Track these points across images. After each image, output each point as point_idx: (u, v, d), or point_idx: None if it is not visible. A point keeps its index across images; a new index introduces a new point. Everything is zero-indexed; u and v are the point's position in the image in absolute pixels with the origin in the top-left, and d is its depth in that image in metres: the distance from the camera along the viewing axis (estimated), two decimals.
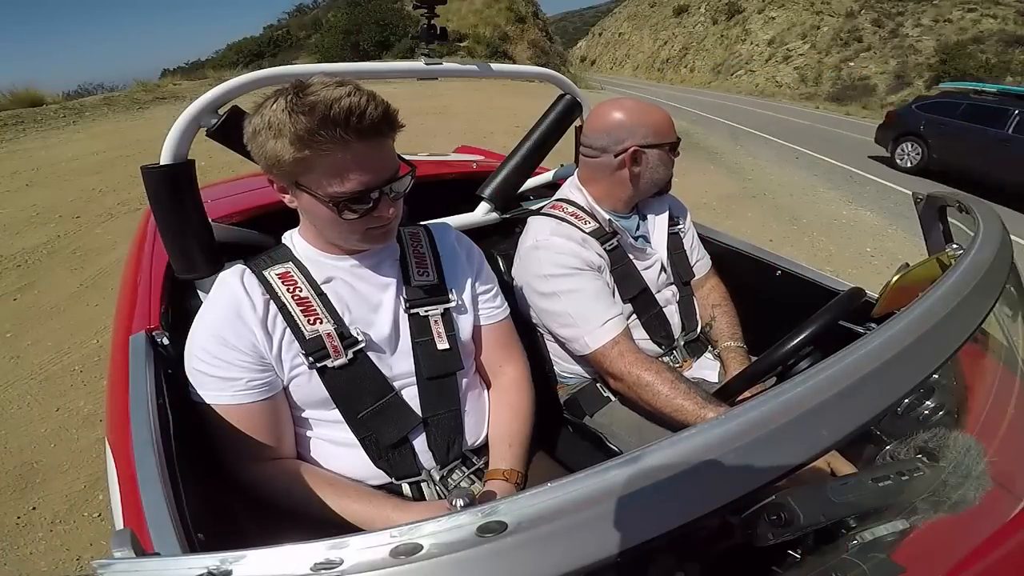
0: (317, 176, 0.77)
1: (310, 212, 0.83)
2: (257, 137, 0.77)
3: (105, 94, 9.96)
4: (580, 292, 1.15)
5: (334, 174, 0.76)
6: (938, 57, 26.98)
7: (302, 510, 0.84)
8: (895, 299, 1.04)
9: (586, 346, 1.14)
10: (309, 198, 0.79)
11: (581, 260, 1.17)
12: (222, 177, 2.14)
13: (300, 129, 0.72)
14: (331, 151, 0.74)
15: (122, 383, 0.85)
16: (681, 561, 0.61)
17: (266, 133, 0.75)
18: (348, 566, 0.35)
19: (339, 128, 0.72)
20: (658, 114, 1.24)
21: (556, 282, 1.15)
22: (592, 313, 1.13)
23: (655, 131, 1.22)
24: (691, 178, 6.59)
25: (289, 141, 0.73)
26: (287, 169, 0.76)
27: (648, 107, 1.24)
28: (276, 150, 0.74)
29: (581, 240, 1.20)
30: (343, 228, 0.82)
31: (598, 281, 1.17)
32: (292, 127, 0.72)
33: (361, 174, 0.77)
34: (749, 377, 1.07)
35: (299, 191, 0.80)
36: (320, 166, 0.75)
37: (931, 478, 0.65)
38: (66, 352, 2.64)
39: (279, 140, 0.74)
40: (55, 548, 1.68)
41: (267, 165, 0.78)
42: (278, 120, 0.73)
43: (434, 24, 1.25)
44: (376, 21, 18.98)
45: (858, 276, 3.93)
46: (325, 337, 0.86)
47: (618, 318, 1.14)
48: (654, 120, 1.23)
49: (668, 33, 48.94)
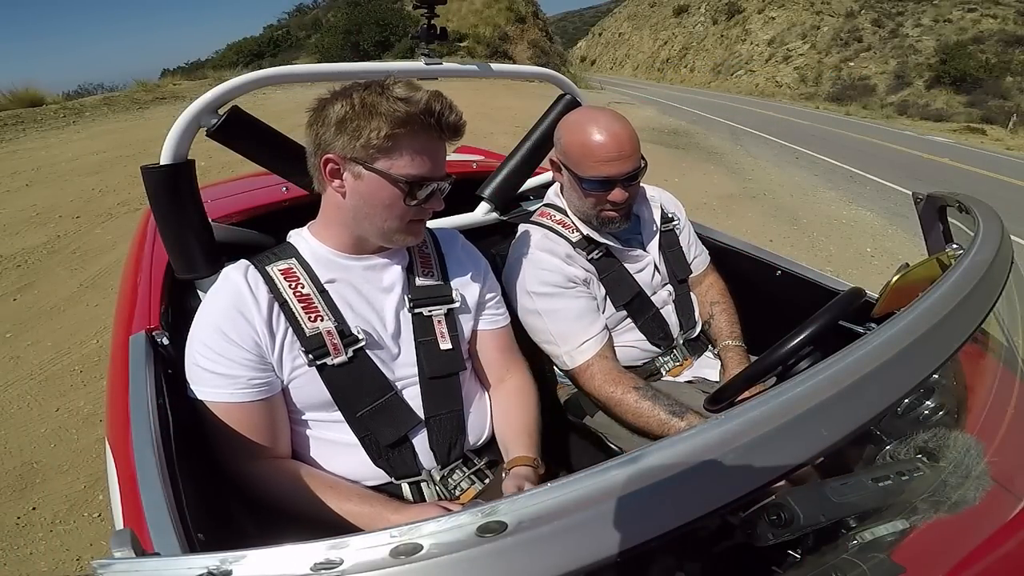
0: (399, 155, 0.83)
1: (368, 196, 0.85)
2: (339, 115, 0.82)
3: (105, 94, 9.95)
4: (560, 312, 1.16)
5: (417, 154, 0.84)
6: (938, 57, 27.00)
7: (295, 510, 0.84)
8: (895, 299, 1.04)
9: (565, 364, 1.18)
10: (376, 180, 0.83)
11: (564, 277, 1.17)
12: (222, 177, 2.14)
13: (400, 111, 0.80)
14: (420, 136, 0.83)
15: (122, 383, 0.85)
16: (681, 561, 0.61)
17: (357, 111, 0.81)
18: (348, 566, 0.35)
19: (433, 118, 0.83)
20: (587, 142, 1.10)
21: (539, 300, 1.17)
22: (571, 333, 1.15)
23: (568, 154, 1.15)
24: (691, 178, 6.58)
25: (387, 119, 0.80)
26: (372, 144, 0.81)
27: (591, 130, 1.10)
28: (369, 126, 0.80)
29: (565, 256, 1.20)
30: (395, 214, 0.87)
31: (579, 300, 1.17)
32: (391, 108, 0.80)
33: (433, 164, 0.86)
34: (749, 377, 1.07)
35: (367, 172, 0.83)
36: (407, 146, 0.83)
37: (931, 478, 0.65)
38: (66, 352, 2.64)
39: (374, 119, 0.80)
40: (55, 548, 1.68)
41: (345, 142, 0.82)
42: (374, 102, 0.80)
43: (434, 24, 1.25)
44: (376, 21, 18.97)
45: (858, 276, 3.93)
46: (325, 335, 0.86)
47: (595, 339, 1.15)
48: (575, 143, 1.13)
49: (668, 33, 48.95)
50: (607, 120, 1.12)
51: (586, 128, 1.12)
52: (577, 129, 1.14)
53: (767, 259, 1.49)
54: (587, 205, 1.18)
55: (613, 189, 1.13)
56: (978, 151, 12.86)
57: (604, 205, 1.16)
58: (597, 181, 1.13)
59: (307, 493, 0.84)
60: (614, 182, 1.13)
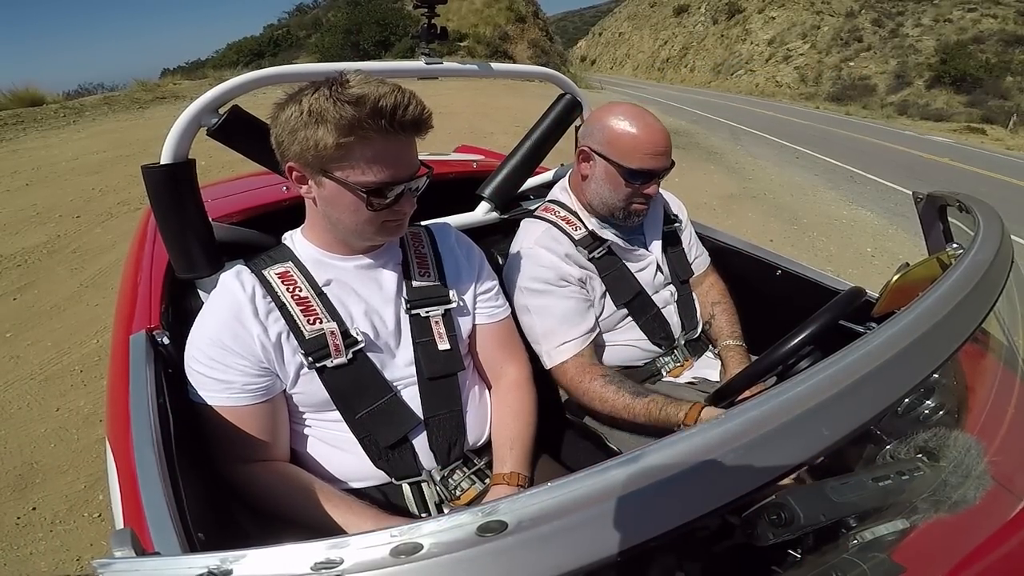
0: (353, 163, 0.78)
1: (332, 202, 0.83)
2: (290, 123, 0.78)
3: (105, 94, 9.95)
4: (547, 310, 1.17)
5: (371, 162, 0.79)
6: (938, 57, 26.99)
7: (286, 514, 0.84)
8: (895, 299, 1.04)
9: (545, 363, 1.18)
10: (336, 187, 0.80)
11: (558, 275, 1.18)
12: (222, 177, 2.14)
13: (347, 116, 0.75)
14: (373, 140, 0.78)
15: (122, 383, 0.85)
16: (681, 561, 0.61)
17: (304, 119, 0.77)
18: (348, 566, 0.35)
19: (384, 120, 0.76)
20: (637, 134, 1.13)
21: (530, 297, 1.17)
22: (552, 333, 1.16)
23: (613, 144, 1.15)
24: (692, 178, 6.58)
25: (334, 127, 0.75)
26: (323, 155, 0.77)
27: (638, 123, 1.14)
28: (315, 136, 0.76)
29: (563, 254, 1.20)
30: (363, 218, 0.83)
31: (568, 301, 1.18)
32: (338, 114, 0.75)
33: (394, 167, 0.81)
34: (749, 377, 1.07)
35: (326, 179, 0.80)
36: (359, 154, 0.78)
37: (931, 478, 0.65)
38: (66, 352, 2.64)
39: (321, 127, 0.76)
40: (55, 549, 1.68)
41: (298, 151, 0.79)
42: (321, 108, 0.76)
43: (434, 24, 1.25)
44: (376, 21, 18.98)
45: (859, 276, 3.92)
46: (329, 335, 0.86)
47: (575, 341, 1.16)
48: (624, 134, 1.14)
49: (668, 33, 48.95)
50: (652, 117, 1.17)
51: (636, 121, 1.15)
52: (627, 121, 1.16)
53: (767, 259, 1.49)
54: (619, 196, 1.19)
55: (652, 182, 1.17)
56: (978, 151, 12.86)
57: (639, 198, 1.19)
58: (642, 172, 1.15)
59: (294, 496, 0.84)
60: (655, 175, 1.17)
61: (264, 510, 0.85)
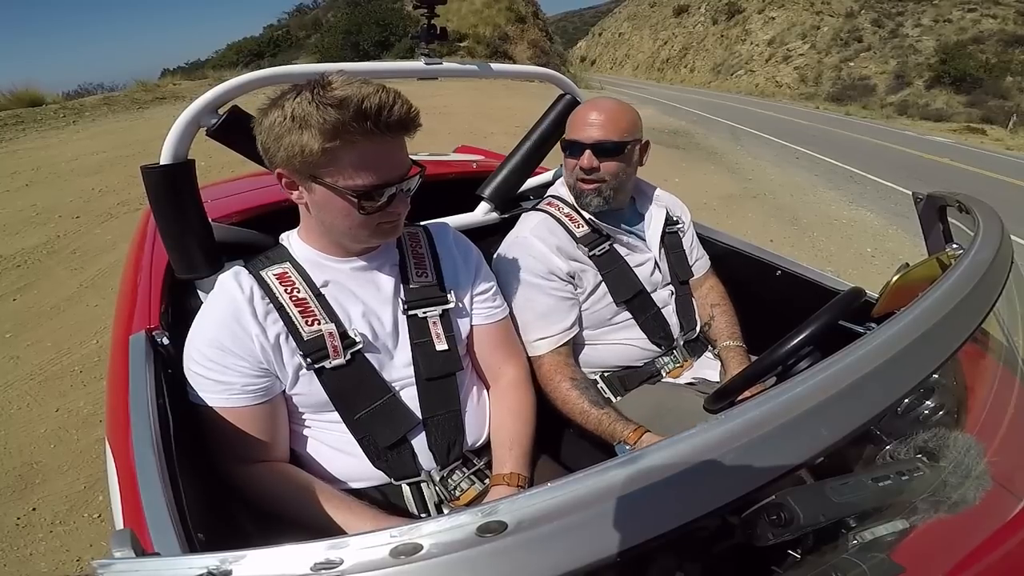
0: (340, 168, 0.77)
1: (323, 207, 0.82)
2: (274, 130, 0.77)
3: (105, 94, 9.94)
4: (530, 303, 1.18)
5: (358, 166, 0.77)
6: (938, 57, 26.99)
7: (285, 514, 0.84)
8: (895, 299, 1.04)
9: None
10: (326, 192, 0.79)
11: (547, 268, 1.19)
12: (222, 177, 2.14)
13: (330, 120, 0.73)
14: (358, 143, 0.76)
15: (122, 383, 0.85)
16: (681, 561, 0.61)
17: (288, 125, 0.75)
18: (348, 566, 0.35)
19: (369, 122, 0.74)
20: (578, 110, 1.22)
21: (515, 286, 1.19)
22: (533, 327, 1.18)
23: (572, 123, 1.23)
24: (692, 178, 6.58)
25: (318, 131, 0.73)
26: (310, 160, 0.76)
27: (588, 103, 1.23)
28: (300, 142, 0.74)
29: (555, 246, 1.21)
30: (355, 222, 0.82)
31: (550, 297, 1.19)
32: (321, 118, 0.73)
33: (383, 169, 0.79)
34: (749, 377, 1.07)
35: (315, 185, 0.79)
36: (345, 158, 0.76)
37: (931, 478, 0.65)
38: (66, 352, 2.64)
39: (305, 131, 0.74)
40: (55, 549, 1.68)
41: (285, 158, 0.77)
42: (304, 112, 0.74)
43: (434, 24, 1.25)
44: (376, 21, 18.97)
45: (859, 276, 3.93)
46: (327, 336, 0.86)
47: (551, 339, 1.18)
48: (574, 113, 1.23)
49: (668, 33, 48.96)
50: (603, 98, 1.23)
51: (588, 102, 1.23)
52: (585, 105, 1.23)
53: (767, 259, 1.49)
54: (571, 176, 1.24)
55: (582, 154, 1.18)
56: (978, 151, 12.86)
57: (578, 173, 1.21)
58: (571, 143, 1.21)
59: (292, 497, 0.84)
60: (583, 146, 1.18)
61: (264, 511, 0.85)
